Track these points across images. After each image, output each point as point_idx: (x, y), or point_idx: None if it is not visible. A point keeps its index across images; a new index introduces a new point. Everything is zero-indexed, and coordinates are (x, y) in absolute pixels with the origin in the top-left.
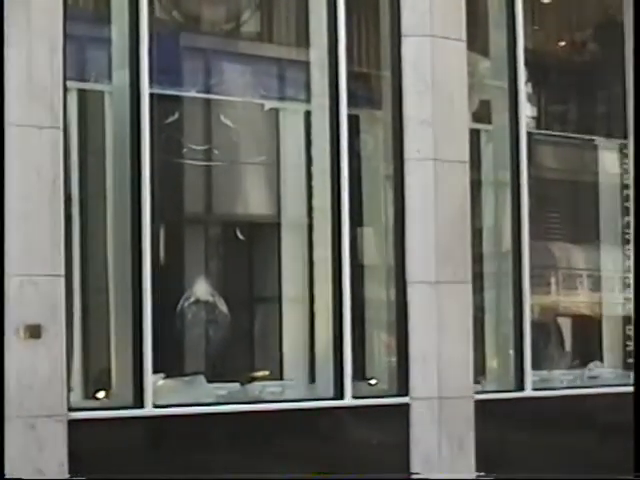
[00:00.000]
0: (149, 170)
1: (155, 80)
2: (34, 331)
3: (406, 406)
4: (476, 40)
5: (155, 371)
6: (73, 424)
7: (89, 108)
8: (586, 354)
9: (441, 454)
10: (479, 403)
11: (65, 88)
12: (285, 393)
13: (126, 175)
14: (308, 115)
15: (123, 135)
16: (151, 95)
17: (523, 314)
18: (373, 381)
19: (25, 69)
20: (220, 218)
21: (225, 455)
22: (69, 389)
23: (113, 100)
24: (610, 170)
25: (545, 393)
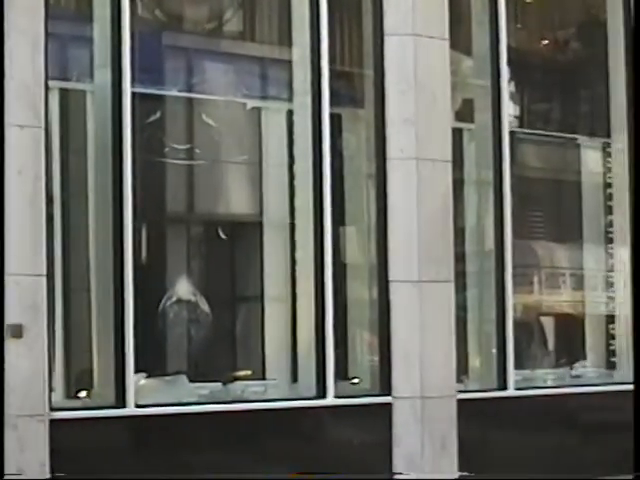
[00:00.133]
0: (131, 169)
1: (137, 79)
2: (16, 331)
3: (389, 405)
4: (459, 39)
5: (137, 371)
6: (55, 424)
7: (71, 107)
8: (569, 353)
9: (424, 454)
10: (462, 402)
11: (47, 87)
12: (267, 393)
13: (108, 174)
14: (290, 114)
15: (105, 134)
16: (133, 94)
17: (506, 313)
18: (355, 380)
19: (7, 68)
20: (202, 217)
21: (207, 455)
22: (51, 389)
23: (95, 99)
24: (593, 169)
25: (528, 392)
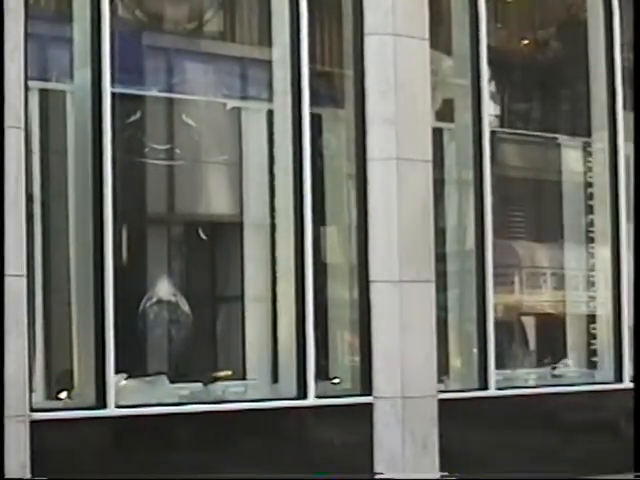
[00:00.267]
0: (111, 170)
1: (117, 79)
2: None
3: (369, 406)
4: (439, 38)
5: (117, 371)
6: (35, 425)
7: (51, 107)
8: (550, 353)
9: (405, 454)
10: (443, 402)
11: (27, 87)
12: (248, 393)
13: (88, 174)
14: (270, 114)
15: (85, 134)
16: (113, 94)
17: (487, 313)
18: (336, 381)
19: None
20: (182, 218)
21: (188, 455)
22: (31, 389)
23: (75, 99)
24: (574, 168)
25: (509, 392)
